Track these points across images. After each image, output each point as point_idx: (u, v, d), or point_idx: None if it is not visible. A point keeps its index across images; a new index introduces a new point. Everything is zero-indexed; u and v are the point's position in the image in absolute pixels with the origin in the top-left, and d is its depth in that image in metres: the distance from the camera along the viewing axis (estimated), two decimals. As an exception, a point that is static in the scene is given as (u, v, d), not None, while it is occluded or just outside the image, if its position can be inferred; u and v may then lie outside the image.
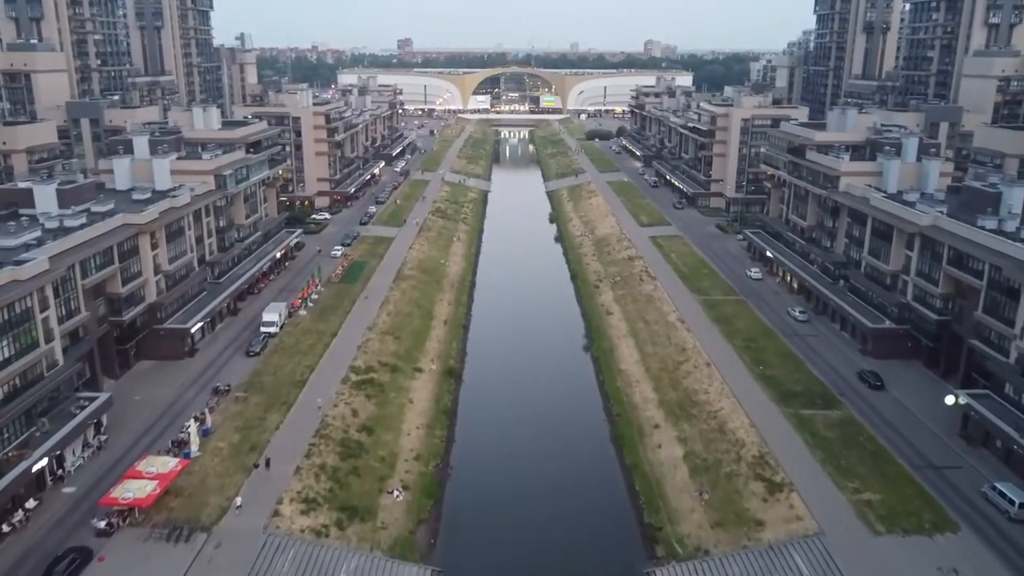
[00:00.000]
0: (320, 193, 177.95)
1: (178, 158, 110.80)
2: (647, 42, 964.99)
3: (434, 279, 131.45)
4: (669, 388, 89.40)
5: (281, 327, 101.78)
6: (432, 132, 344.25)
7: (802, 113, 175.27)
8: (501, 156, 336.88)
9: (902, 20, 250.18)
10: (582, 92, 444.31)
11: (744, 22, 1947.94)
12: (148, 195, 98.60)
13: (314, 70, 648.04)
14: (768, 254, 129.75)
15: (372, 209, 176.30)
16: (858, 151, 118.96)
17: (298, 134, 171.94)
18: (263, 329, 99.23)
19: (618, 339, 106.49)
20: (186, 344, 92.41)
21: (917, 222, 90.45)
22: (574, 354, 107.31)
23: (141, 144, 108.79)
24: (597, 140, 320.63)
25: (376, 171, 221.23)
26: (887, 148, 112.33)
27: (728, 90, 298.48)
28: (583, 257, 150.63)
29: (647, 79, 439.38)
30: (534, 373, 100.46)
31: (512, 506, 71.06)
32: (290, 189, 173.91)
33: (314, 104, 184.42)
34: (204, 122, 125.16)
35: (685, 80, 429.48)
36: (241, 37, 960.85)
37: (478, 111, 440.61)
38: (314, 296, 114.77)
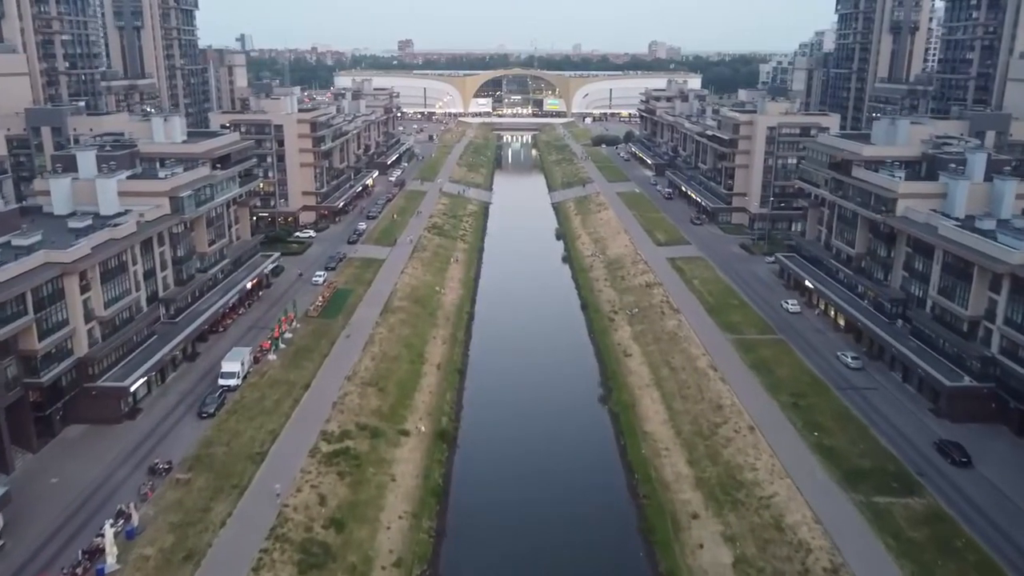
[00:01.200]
0: (305, 208, 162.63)
1: (129, 177, 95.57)
2: (651, 43, 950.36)
3: (427, 311, 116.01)
4: (707, 461, 73.85)
5: (244, 377, 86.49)
6: (431, 137, 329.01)
7: (833, 121, 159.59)
8: (503, 161, 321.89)
9: (931, 19, 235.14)
10: (587, 95, 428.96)
11: (748, 23, 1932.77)
12: (89, 222, 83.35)
13: (313, 72, 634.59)
14: (807, 283, 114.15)
15: (362, 226, 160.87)
16: (912, 168, 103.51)
17: (281, 144, 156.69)
18: (221, 382, 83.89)
19: (640, 390, 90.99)
20: (124, 405, 77.00)
21: (1007, 260, 74.89)
22: (589, 408, 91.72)
23: (86, 161, 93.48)
24: (604, 146, 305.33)
25: (369, 181, 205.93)
26: (952, 166, 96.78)
27: (743, 93, 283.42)
28: (594, 282, 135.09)
29: (654, 81, 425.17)
30: (542, 434, 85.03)
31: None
32: (272, 204, 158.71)
33: (299, 110, 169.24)
34: (165, 133, 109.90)
35: (694, 82, 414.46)
36: (242, 38, 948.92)
37: (479, 114, 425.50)
38: (287, 335, 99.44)
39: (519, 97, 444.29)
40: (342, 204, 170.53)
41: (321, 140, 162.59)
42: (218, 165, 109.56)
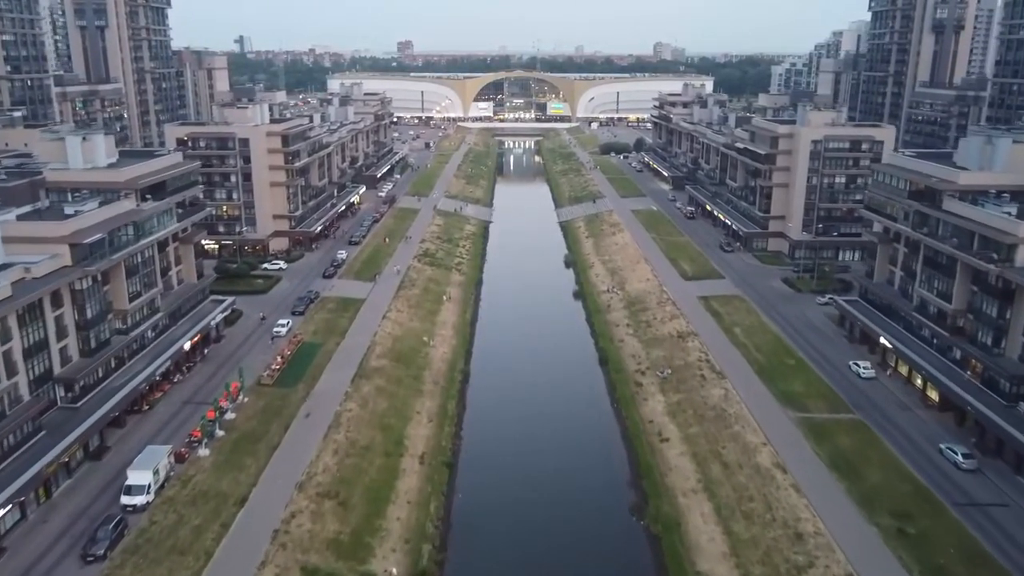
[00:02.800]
0: (277, 234, 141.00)
1: (20, 217, 74.01)
2: (656, 44, 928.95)
3: (411, 373, 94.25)
4: (794, 635, 52.07)
5: (161, 487, 64.92)
6: (428, 145, 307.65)
7: (888, 134, 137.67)
8: (505, 168, 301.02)
9: (978, 16, 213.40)
10: (593, 98, 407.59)
11: (751, 24, 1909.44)
12: (-48, 281, 61.83)
13: (309, 74, 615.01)
14: (882, 341, 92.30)
15: (342, 254, 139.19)
16: (1020, 200, 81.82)
17: (247, 160, 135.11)
18: (124, 500, 62.31)
19: (685, 498, 69.10)
20: (-22, 547, 55.39)
21: None
22: (618, 523, 69.65)
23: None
24: (613, 154, 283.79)
25: (355, 198, 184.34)
26: (1085, 200, 75.07)
27: (764, 98, 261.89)
28: (614, 329, 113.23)
29: (664, 84, 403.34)
30: (557, 565, 63.28)
31: None
32: (237, 231, 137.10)
33: (273, 120, 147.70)
34: (84, 155, 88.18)
35: (706, 84, 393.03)
36: (240, 40, 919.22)
37: (480, 119, 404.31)
38: (229, 414, 77.85)
39: (521, 101, 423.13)
40: (320, 228, 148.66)
41: (295, 155, 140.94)
42: (148, 196, 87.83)
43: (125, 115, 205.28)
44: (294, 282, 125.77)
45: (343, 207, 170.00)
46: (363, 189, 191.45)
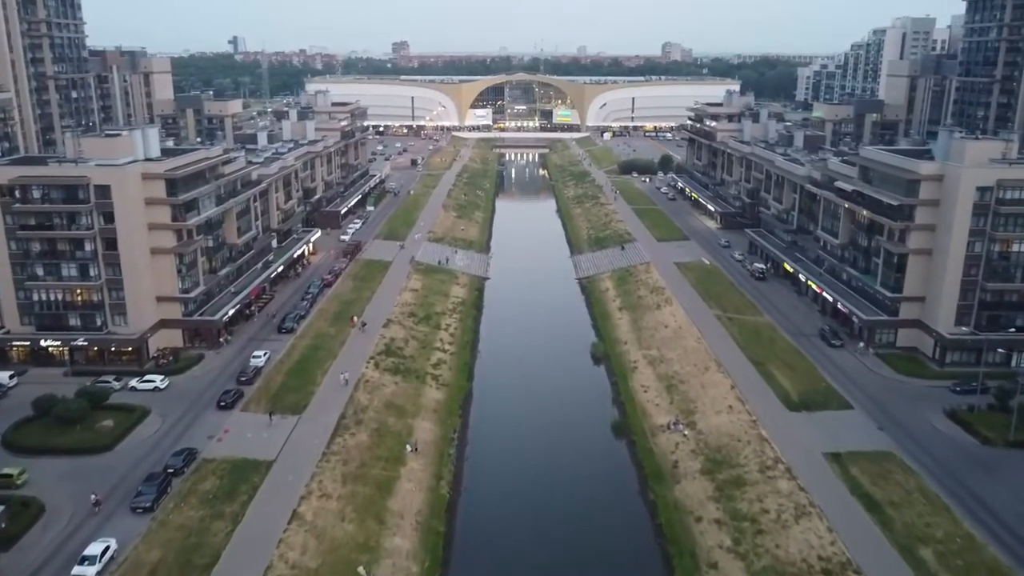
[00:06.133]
0: (164, 325, 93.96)
1: None
2: (665, 44, 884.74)
3: None
4: None
5: None
6: (415, 162, 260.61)
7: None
8: (506, 186, 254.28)
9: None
10: (604, 105, 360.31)
11: (759, 23, 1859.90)
12: None
13: (297, 77, 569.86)
14: None
15: (259, 357, 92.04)
16: None
17: (109, 218, 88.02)
18: None
19: None
20: None
21: None
22: None
23: None
24: (635, 174, 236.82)
25: (307, 248, 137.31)
26: None
27: (824, 109, 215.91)
28: (695, 527, 65.64)
29: (685, 88, 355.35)
30: None
31: None
32: (97, 325, 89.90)
33: (167, 151, 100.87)
34: None
35: (732, 88, 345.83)
36: (234, 41, 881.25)
37: (478, 128, 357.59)
38: None
39: (524, 107, 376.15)
40: (232, 312, 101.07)
41: (189, 207, 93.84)
42: None
43: (12, 131, 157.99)
44: (167, 420, 78.58)
45: (281, 267, 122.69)
46: (317, 234, 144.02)
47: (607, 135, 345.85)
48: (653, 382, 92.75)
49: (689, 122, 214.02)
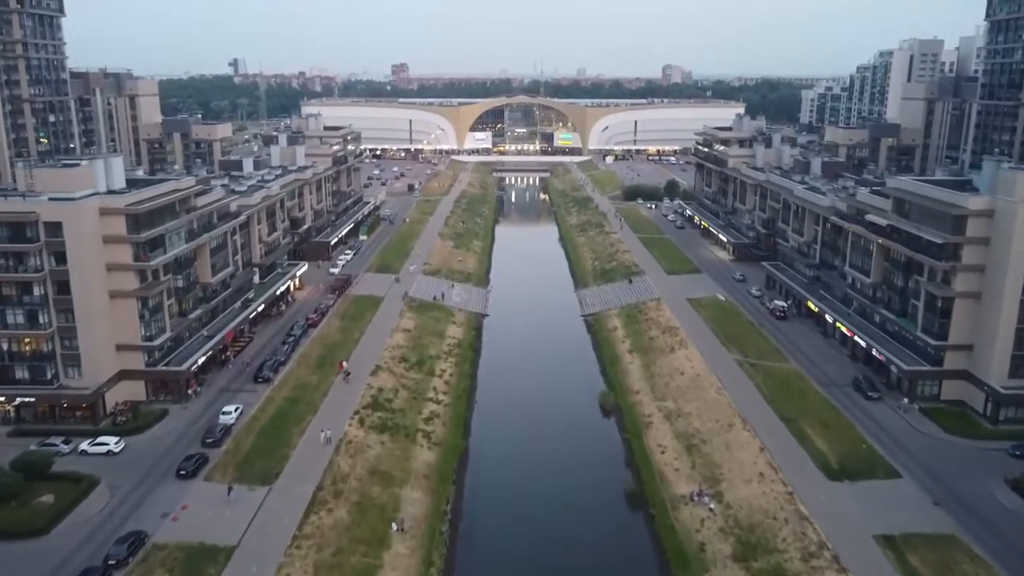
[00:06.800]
0: (124, 376, 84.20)
1: None
2: (666, 67, 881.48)
3: None
4: None
5: None
6: (412, 187, 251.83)
7: None
8: (506, 210, 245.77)
9: None
10: (607, 128, 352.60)
11: (759, 47, 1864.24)
12: None
13: (294, 99, 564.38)
14: None
15: (229, 415, 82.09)
16: None
17: (61, 259, 78.52)
18: None
19: None
20: None
21: None
22: None
23: None
24: (640, 200, 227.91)
25: (292, 284, 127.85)
26: None
27: (837, 133, 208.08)
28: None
29: (688, 112, 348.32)
30: None
31: None
32: (48, 378, 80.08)
33: (133, 182, 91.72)
34: None
35: (737, 112, 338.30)
36: (234, 63, 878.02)
37: (477, 151, 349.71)
38: None
39: (524, 130, 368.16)
40: (203, 361, 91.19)
41: (155, 245, 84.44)
42: None
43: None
44: (118, 493, 68.49)
45: (262, 305, 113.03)
46: (304, 268, 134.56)
47: (609, 159, 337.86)
48: (671, 441, 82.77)
49: (697, 146, 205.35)
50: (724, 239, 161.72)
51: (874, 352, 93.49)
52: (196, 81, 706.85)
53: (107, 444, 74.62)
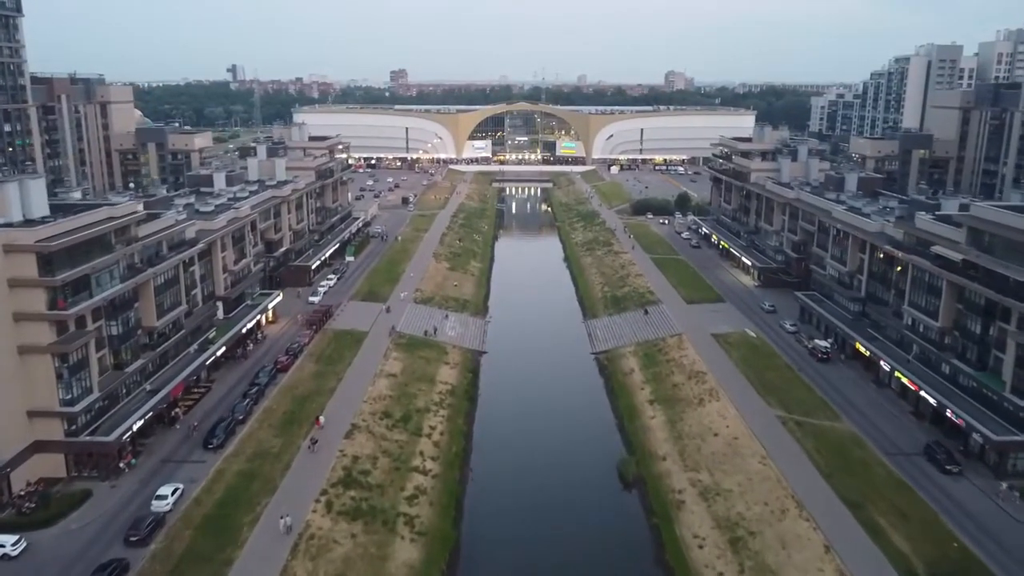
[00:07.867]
0: (39, 448, 68.63)
1: None
2: (668, 73, 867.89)
3: None
4: None
5: None
6: (407, 200, 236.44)
7: None
8: (506, 225, 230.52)
9: None
10: (611, 136, 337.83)
11: (762, 55, 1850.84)
12: None
13: (290, 106, 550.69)
14: None
15: (163, 501, 66.08)
16: None
17: (-47, 308, 63.11)
18: None
19: None
20: None
21: None
22: None
23: None
24: (650, 215, 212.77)
25: (263, 318, 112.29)
26: None
27: (859, 143, 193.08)
28: None
29: (697, 120, 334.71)
30: None
31: None
32: (-64, 454, 64.39)
33: (58, 208, 76.44)
34: None
35: (746, 120, 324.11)
36: (233, 69, 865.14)
37: (476, 160, 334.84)
38: None
39: (525, 138, 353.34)
40: (138, 427, 75.48)
41: (79, 288, 69.05)
42: None
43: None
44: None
45: (223, 347, 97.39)
46: (278, 298, 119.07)
47: (614, 168, 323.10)
48: (710, 531, 67.13)
49: (714, 157, 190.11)
50: (748, 262, 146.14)
51: (948, 413, 77.90)
52: (192, 87, 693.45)
53: (3, 546, 58.96)
